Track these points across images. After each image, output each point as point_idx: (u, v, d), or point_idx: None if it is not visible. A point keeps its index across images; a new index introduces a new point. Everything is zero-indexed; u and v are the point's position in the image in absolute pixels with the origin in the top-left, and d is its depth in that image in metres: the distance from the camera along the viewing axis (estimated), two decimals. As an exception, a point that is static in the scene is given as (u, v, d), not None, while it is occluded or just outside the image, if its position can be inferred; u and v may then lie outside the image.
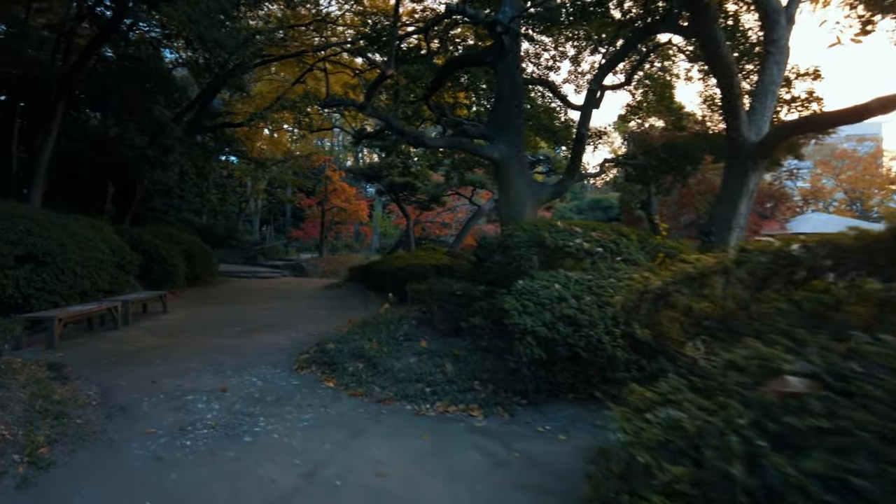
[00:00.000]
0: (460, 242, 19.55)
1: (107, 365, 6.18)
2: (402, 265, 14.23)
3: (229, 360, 6.61)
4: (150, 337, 8.08)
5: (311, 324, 10.06)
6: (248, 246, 27.94)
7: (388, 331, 7.04)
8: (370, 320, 8.41)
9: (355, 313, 11.77)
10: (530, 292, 4.84)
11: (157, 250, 13.43)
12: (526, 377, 4.74)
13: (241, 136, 21.00)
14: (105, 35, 13.51)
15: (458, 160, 16.89)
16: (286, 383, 5.61)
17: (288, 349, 7.43)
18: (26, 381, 4.57)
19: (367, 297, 14.84)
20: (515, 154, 8.95)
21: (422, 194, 21.48)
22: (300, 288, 17.67)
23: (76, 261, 8.81)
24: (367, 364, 5.77)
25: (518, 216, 8.74)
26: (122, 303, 8.81)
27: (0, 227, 7.84)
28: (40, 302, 8.02)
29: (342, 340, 6.73)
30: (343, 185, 25.99)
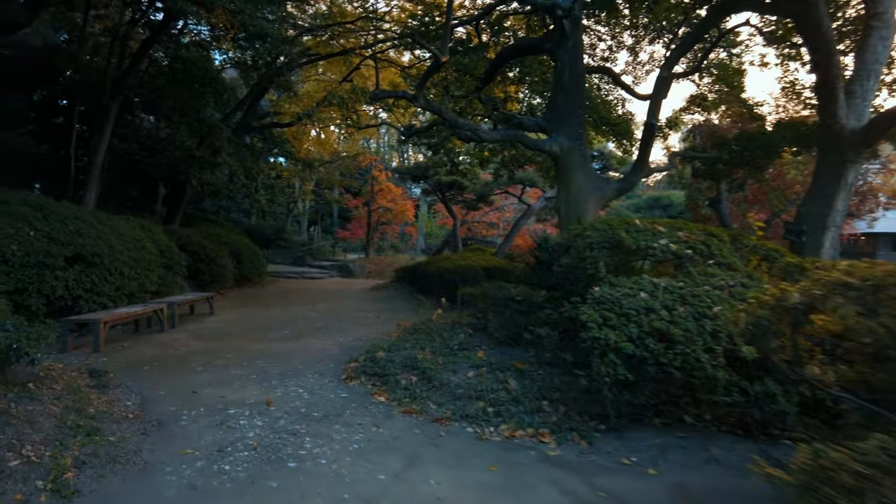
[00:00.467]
0: (509, 243, 18.89)
1: (149, 371, 5.89)
2: (450, 267, 13.72)
3: (275, 368, 6.23)
4: (194, 341, 7.84)
5: (360, 328, 9.68)
6: (296, 246, 28.10)
7: (442, 339, 6.51)
8: (421, 326, 7.91)
9: (404, 317, 11.34)
10: (610, 301, 4.20)
11: (205, 251, 13.39)
12: (606, 399, 4.09)
13: (288, 136, 20.99)
14: (155, 37, 13.59)
15: (507, 157, 16.24)
16: (334, 396, 5.15)
17: (336, 356, 7.01)
18: (62, 390, 4.27)
19: (415, 299, 14.41)
20: (577, 147, 8.27)
21: (469, 193, 20.93)
22: (347, 289, 17.44)
23: (124, 261, 8.69)
24: (420, 377, 5.25)
25: (580, 214, 8.07)
26: (167, 305, 8.63)
27: (51, 228, 7.76)
28: (89, 303, 7.91)
29: (393, 348, 6.24)
30: (389, 186, 25.74)
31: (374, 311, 12.03)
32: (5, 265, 6.94)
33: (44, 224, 7.70)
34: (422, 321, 8.88)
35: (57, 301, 7.51)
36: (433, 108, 7.89)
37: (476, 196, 21.20)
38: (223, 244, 14.63)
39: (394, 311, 12.33)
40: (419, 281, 15.32)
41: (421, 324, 8.54)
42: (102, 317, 6.76)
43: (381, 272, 24.85)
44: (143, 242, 9.78)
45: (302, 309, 12.14)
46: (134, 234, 9.75)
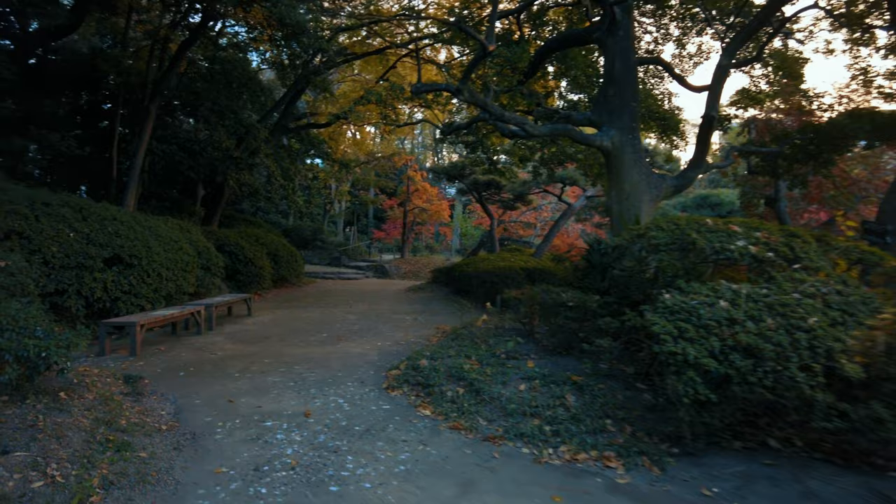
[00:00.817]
0: (548, 244, 18.35)
1: (184, 377, 5.69)
2: (489, 268, 13.31)
3: (313, 375, 5.96)
4: (231, 344, 7.66)
5: (398, 331, 9.38)
6: (332, 247, 28.15)
7: (487, 346, 6.11)
8: (462, 331, 7.55)
9: (442, 320, 11.01)
10: (686, 311, 3.73)
11: (242, 251, 13.35)
12: (682, 421, 3.63)
13: (325, 136, 20.96)
14: (193, 38, 13.64)
15: (547, 155, 15.73)
16: (376, 407, 4.82)
17: (375, 362, 6.71)
18: (94, 400, 4.06)
19: (453, 301, 14.07)
20: (629, 141, 7.76)
21: (506, 193, 20.47)
22: (383, 290, 17.23)
23: (161, 263, 8.61)
24: (467, 388, 4.87)
25: (633, 213, 7.57)
26: (205, 307, 8.50)
27: (90, 230, 7.71)
28: (127, 305, 7.83)
29: (436, 356, 5.88)
30: (425, 186, 25.49)
31: (411, 314, 11.74)
32: (46, 267, 6.89)
33: (83, 225, 7.65)
34: (463, 326, 8.54)
35: (96, 303, 7.45)
36: (478, 100, 7.50)
37: (513, 195, 20.73)
38: (261, 245, 14.59)
39: (431, 313, 12.02)
40: (456, 282, 14.98)
41: (462, 328, 8.20)
42: (139, 320, 6.62)
43: (417, 273, 24.63)
44: (180, 243, 9.71)
45: (339, 311, 11.94)
46: (172, 235, 9.70)
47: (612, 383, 4.83)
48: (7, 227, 6.76)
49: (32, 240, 6.92)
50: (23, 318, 3.64)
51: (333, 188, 31.19)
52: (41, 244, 6.91)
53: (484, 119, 8.58)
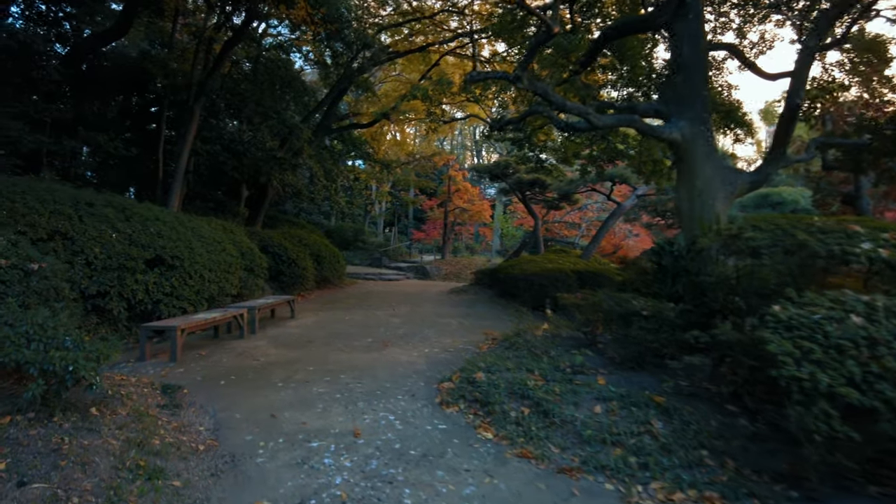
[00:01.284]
0: (597, 245, 17.56)
1: (225, 386, 5.36)
2: (536, 270, 12.70)
3: (360, 385, 5.54)
4: (274, 349, 7.34)
5: (445, 336, 8.91)
6: (373, 248, 28.00)
7: (549, 359, 5.55)
8: (517, 340, 7.00)
9: (489, 324, 10.49)
10: (807, 327, 3.10)
11: (286, 252, 13.16)
12: (808, 461, 3.01)
13: (367, 136, 20.75)
14: (237, 37, 13.56)
15: (597, 152, 14.99)
16: (431, 427, 4.34)
17: (424, 371, 6.24)
18: (127, 416, 3.73)
19: (498, 304, 13.53)
20: (701, 133, 7.06)
21: (551, 192, 19.76)
22: (425, 291, 16.83)
23: (204, 264, 8.39)
24: (533, 408, 4.33)
25: (706, 212, 6.87)
26: (247, 310, 8.23)
27: (132, 230, 7.54)
28: (169, 308, 7.62)
29: (492, 368, 5.37)
30: (466, 185, 24.99)
31: (456, 317, 11.26)
32: (88, 268, 6.72)
33: (125, 226, 7.48)
34: (515, 333, 7.99)
35: (137, 305, 7.25)
36: (538, 88, 6.96)
37: (559, 194, 20.00)
38: (304, 245, 14.39)
39: (477, 317, 11.51)
40: (500, 284, 14.43)
41: (514, 336, 7.65)
42: (180, 324, 6.35)
43: (458, 274, 24.16)
44: (224, 244, 9.51)
45: (382, 313, 11.57)
46: (215, 235, 9.51)
47: (698, 404, 4.21)
48: (51, 227, 6.61)
49: (76, 240, 6.76)
50: (51, 326, 3.33)
51: (374, 189, 31.09)
52: (84, 245, 6.75)
53: (538, 112, 8.02)
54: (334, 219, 29.46)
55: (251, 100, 14.76)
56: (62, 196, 7.13)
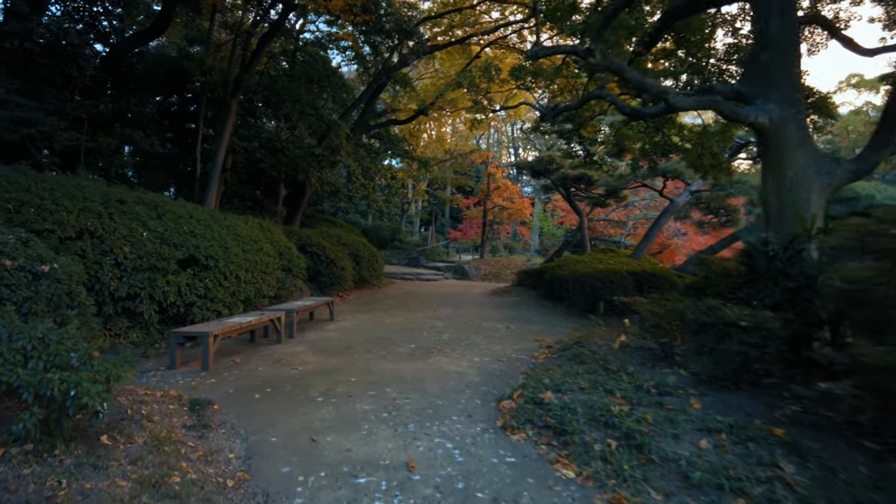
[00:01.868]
0: (648, 244, 16.53)
1: (260, 401, 4.80)
2: (588, 271, 11.85)
3: (408, 401, 4.90)
4: (313, 356, 6.79)
5: (493, 343, 8.22)
6: (410, 247, 27.52)
7: (628, 376, 4.79)
8: (579, 350, 6.25)
9: (539, 329, 9.76)
10: None
11: (324, 252, 12.70)
12: None
13: (405, 133, 20.23)
14: (274, 31, 13.19)
15: (649, 145, 14.03)
16: (497, 459, 3.66)
17: (478, 385, 5.57)
18: (144, 445, 3.18)
19: (544, 307, 12.75)
20: (792, 116, 6.16)
21: (597, 188, 18.78)
22: (465, 292, 16.16)
23: (240, 264, 7.93)
24: (622, 441, 3.60)
25: (799, 205, 5.97)
26: (285, 313, 7.73)
27: (164, 228, 7.11)
28: (202, 311, 7.17)
29: (561, 386, 4.64)
30: (506, 183, 24.18)
31: (502, 321, 10.55)
32: (117, 269, 6.31)
33: (157, 224, 7.06)
34: (574, 341, 7.24)
35: (169, 308, 6.82)
36: (613, 65, 6.20)
37: (605, 191, 18.99)
38: (342, 245, 13.93)
39: (524, 321, 10.77)
40: (546, 285, 13.64)
41: (574, 344, 6.91)
42: (212, 329, 5.84)
43: (497, 274, 23.41)
44: (261, 244, 9.06)
45: (423, 316, 10.96)
46: (252, 234, 9.07)
47: (828, 439, 3.40)
48: (80, 225, 6.22)
49: (105, 239, 6.36)
50: (55, 340, 2.81)
51: (410, 188, 30.62)
52: (113, 244, 6.34)
53: (598, 96, 7.25)
54: (371, 218, 29.12)
55: (288, 97, 14.37)
56: (92, 192, 6.76)
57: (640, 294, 10.95)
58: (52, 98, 9.01)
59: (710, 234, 25.49)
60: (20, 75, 8.82)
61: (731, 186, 15.23)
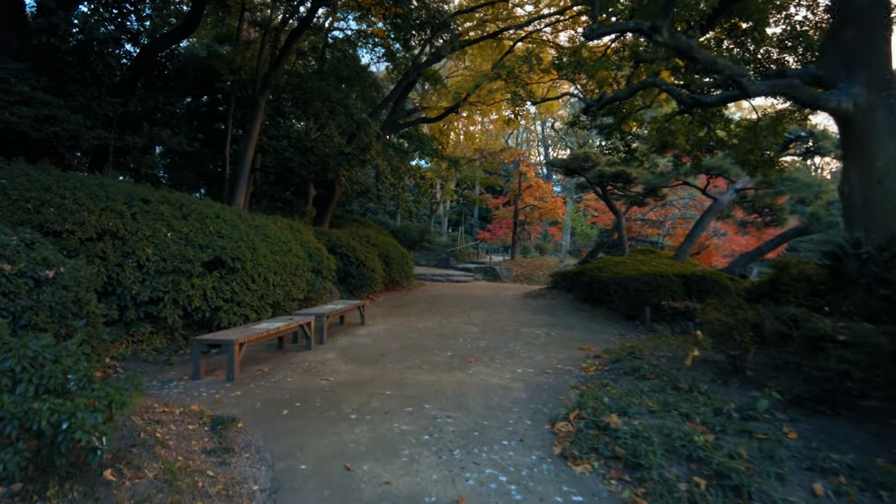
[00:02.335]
0: (691, 244, 15.72)
1: (288, 418, 4.37)
2: (631, 273, 11.17)
3: (451, 421, 4.40)
4: (344, 364, 6.36)
5: (535, 351, 7.67)
6: (439, 248, 27.06)
7: (703, 395, 4.20)
8: (637, 363, 5.66)
9: (581, 336, 9.17)
10: None
11: (354, 253, 12.32)
12: None
13: (434, 132, 19.78)
14: (303, 26, 12.88)
15: (693, 142, 13.26)
16: (562, 499, 3.11)
17: (525, 401, 5.04)
18: (155, 479, 2.75)
19: (583, 311, 12.11)
20: (883, 101, 5.46)
21: (635, 187, 18.00)
22: (498, 295, 15.62)
23: (268, 266, 7.55)
24: (713, 480, 3.02)
25: (890, 201, 5.27)
26: (315, 317, 7.32)
27: (189, 229, 6.77)
28: (229, 315, 6.80)
29: (627, 408, 4.07)
30: (538, 182, 23.50)
31: (540, 327, 9.98)
32: (140, 272, 5.98)
33: (182, 224, 6.72)
34: (627, 350, 6.65)
35: (194, 312, 6.46)
36: (681, 44, 5.59)
37: (644, 189, 18.18)
38: (372, 246, 13.55)
39: (564, 326, 10.17)
40: (583, 288, 12.99)
41: (627, 356, 6.33)
42: (238, 337, 5.44)
43: (529, 276, 22.78)
44: (290, 245, 8.69)
45: (457, 320, 10.46)
46: (281, 235, 8.70)
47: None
48: (101, 225, 5.91)
49: (127, 241, 6.03)
50: (50, 360, 2.39)
51: (439, 188, 30.18)
52: (135, 245, 6.01)
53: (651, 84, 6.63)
54: (399, 218, 28.77)
55: (317, 96, 14.05)
56: (115, 192, 6.45)
57: (688, 299, 10.23)
58: (80, 96, 8.80)
59: (751, 235, 24.39)
60: (48, 73, 8.64)
61: (781, 184, 14.30)
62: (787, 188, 14.53)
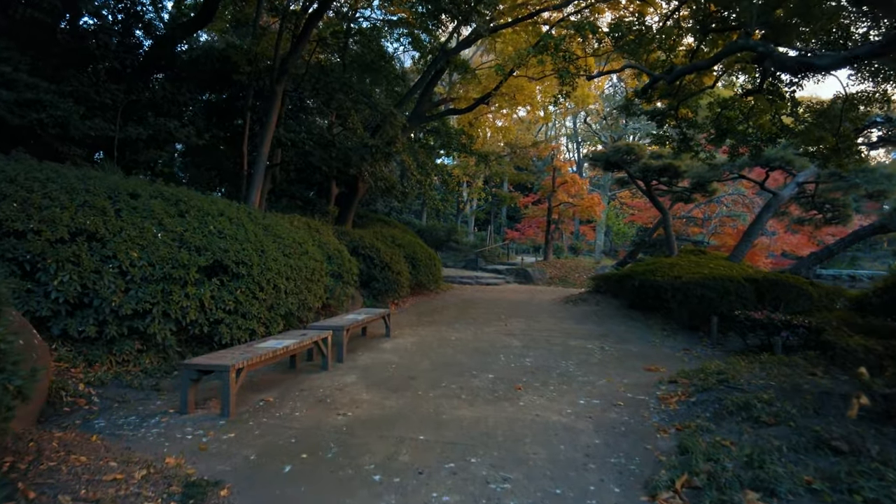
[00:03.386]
0: (749, 244, 14.20)
1: (289, 479, 3.26)
2: (694, 278, 9.79)
3: (509, 487, 3.23)
4: (366, 391, 5.24)
5: (592, 372, 6.45)
6: (467, 248, 25.86)
7: (884, 465, 2.93)
8: (744, 400, 4.40)
9: (638, 351, 7.94)
10: None
11: (378, 255, 11.23)
12: None
13: (464, 125, 18.61)
14: (322, 8, 11.87)
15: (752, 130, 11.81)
16: None
17: (601, 452, 3.83)
18: None
19: (634, 320, 10.77)
20: None
21: (684, 181, 16.52)
22: (534, 300, 14.37)
23: (279, 271, 6.48)
24: None
25: None
26: (332, 332, 6.22)
27: (185, 228, 5.74)
28: (232, 329, 5.74)
29: (776, 484, 2.84)
30: (574, 177, 22.09)
31: (590, 339, 8.74)
32: (122, 279, 4.95)
33: (176, 222, 5.69)
34: (710, 375, 5.40)
35: (190, 326, 5.42)
36: None
37: (691, 184, 16.67)
38: (398, 247, 12.45)
39: (616, 338, 8.91)
40: (630, 293, 11.67)
41: (718, 382, 5.08)
42: (237, 361, 4.35)
43: (564, 278, 21.43)
44: (306, 246, 7.63)
45: (493, 330, 9.30)
46: (296, 235, 7.65)
47: None
48: (76, 224, 4.91)
49: (107, 242, 5.01)
50: None
51: (465, 186, 29.01)
52: (117, 248, 4.99)
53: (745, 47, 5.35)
54: (426, 217, 27.68)
55: (339, 86, 13.01)
56: (98, 185, 5.46)
57: (762, 307, 8.84)
58: (76, 82, 7.90)
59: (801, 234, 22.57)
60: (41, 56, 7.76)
61: (856, 176, 12.73)
62: (862, 180, 12.94)
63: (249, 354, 4.66)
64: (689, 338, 9.13)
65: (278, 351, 5.04)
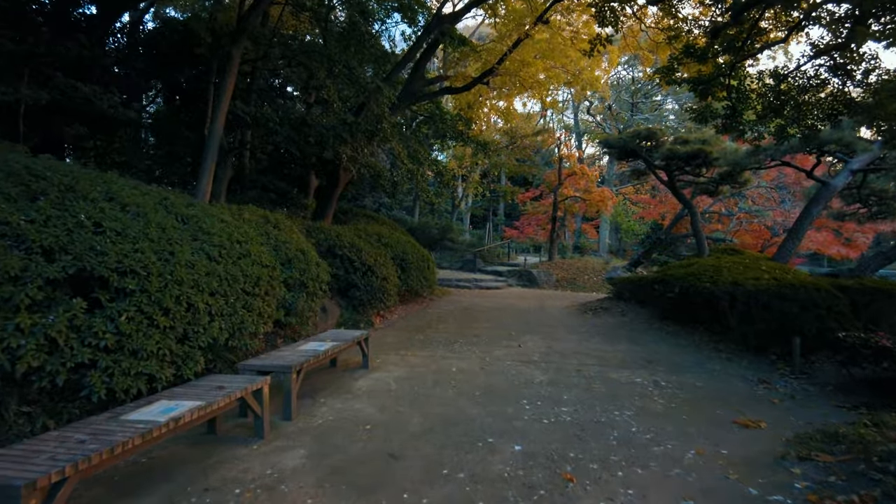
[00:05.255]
0: (797, 241, 12.09)
1: None
2: (766, 285, 7.62)
3: None
4: (314, 493, 3.08)
5: (667, 435, 4.30)
6: (463, 248, 23.68)
7: None
8: None
9: (704, 386, 5.82)
10: None
11: (360, 256, 9.04)
12: None
13: (462, 105, 16.44)
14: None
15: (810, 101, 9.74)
16: None
17: None
18: None
19: (675, 335, 8.66)
20: None
21: (714, 168, 14.39)
22: (544, 307, 12.27)
23: (196, 283, 4.28)
24: None
25: None
26: (269, 377, 4.04)
27: (26, 215, 3.54)
28: (113, 377, 3.56)
29: None
30: (583, 169, 19.92)
31: (635, 368, 6.61)
32: None
33: (11, 209, 3.48)
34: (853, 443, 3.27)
35: (34, 375, 3.22)
36: None
37: (719, 175, 14.52)
38: (384, 246, 10.28)
39: (669, 367, 6.76)
40: (662, 301, 9.61)
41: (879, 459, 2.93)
42: (50, 469, 2.17)
43: (573, 280, 19.31)
44: (248, 245, 5.44)
45: (505, 354, 7.17)
46: (234, 232, 5.45)
47: None
48: None
49: None
50: None
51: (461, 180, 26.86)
52: None
53: None
54: (418, 214, 25.47)
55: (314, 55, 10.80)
56: None
57: (856, 323, 6.72)
58: None
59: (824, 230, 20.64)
60: None
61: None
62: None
63: (91, 452, 2.45)
64: (758, 363, 7.02)
65: (161, 428, 2.82)
